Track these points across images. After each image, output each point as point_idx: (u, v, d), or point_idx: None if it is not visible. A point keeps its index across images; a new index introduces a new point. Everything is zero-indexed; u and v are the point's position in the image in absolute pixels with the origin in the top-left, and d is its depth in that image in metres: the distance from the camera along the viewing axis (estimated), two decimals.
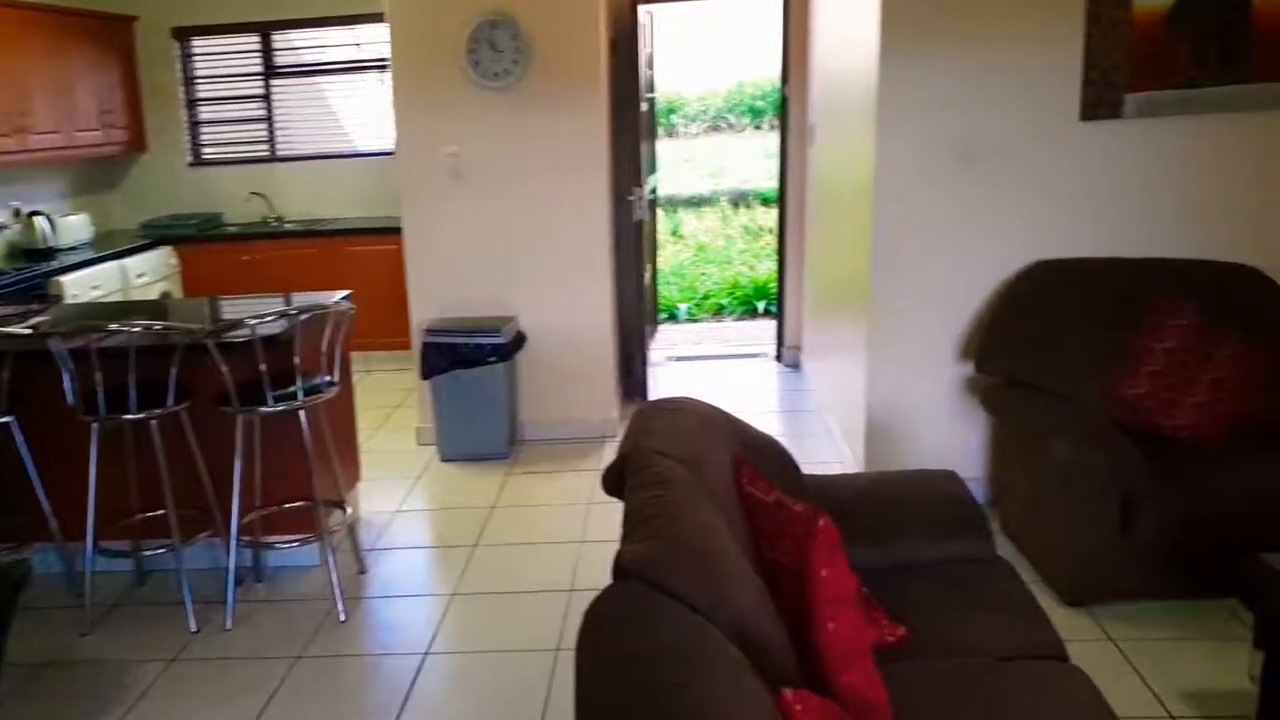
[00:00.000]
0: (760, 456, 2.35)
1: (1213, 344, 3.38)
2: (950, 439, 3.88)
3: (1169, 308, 3.44)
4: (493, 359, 4.58)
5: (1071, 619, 3.08)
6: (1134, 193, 3.69)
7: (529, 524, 4.04)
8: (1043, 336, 3.52)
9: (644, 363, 5.44)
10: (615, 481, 2.14)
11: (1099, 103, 3.63)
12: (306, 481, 3.46)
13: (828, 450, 4.54)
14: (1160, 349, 3.40)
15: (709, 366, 6.20)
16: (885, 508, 2.53)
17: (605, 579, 1.64)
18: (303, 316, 3.34)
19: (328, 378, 3.43)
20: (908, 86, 3.63)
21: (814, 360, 5.49)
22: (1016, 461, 3.55)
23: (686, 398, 2.51)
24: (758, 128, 12.37)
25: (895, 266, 3.76)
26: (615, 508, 2.14)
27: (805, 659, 1.74)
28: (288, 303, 3.87)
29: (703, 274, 8.82)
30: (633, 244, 5.26)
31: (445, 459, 4.73)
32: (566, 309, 4.82)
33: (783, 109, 5.79)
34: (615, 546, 1.71)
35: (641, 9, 5.15)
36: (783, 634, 1.70)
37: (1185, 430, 3.29)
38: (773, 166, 7.23)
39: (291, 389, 3.31)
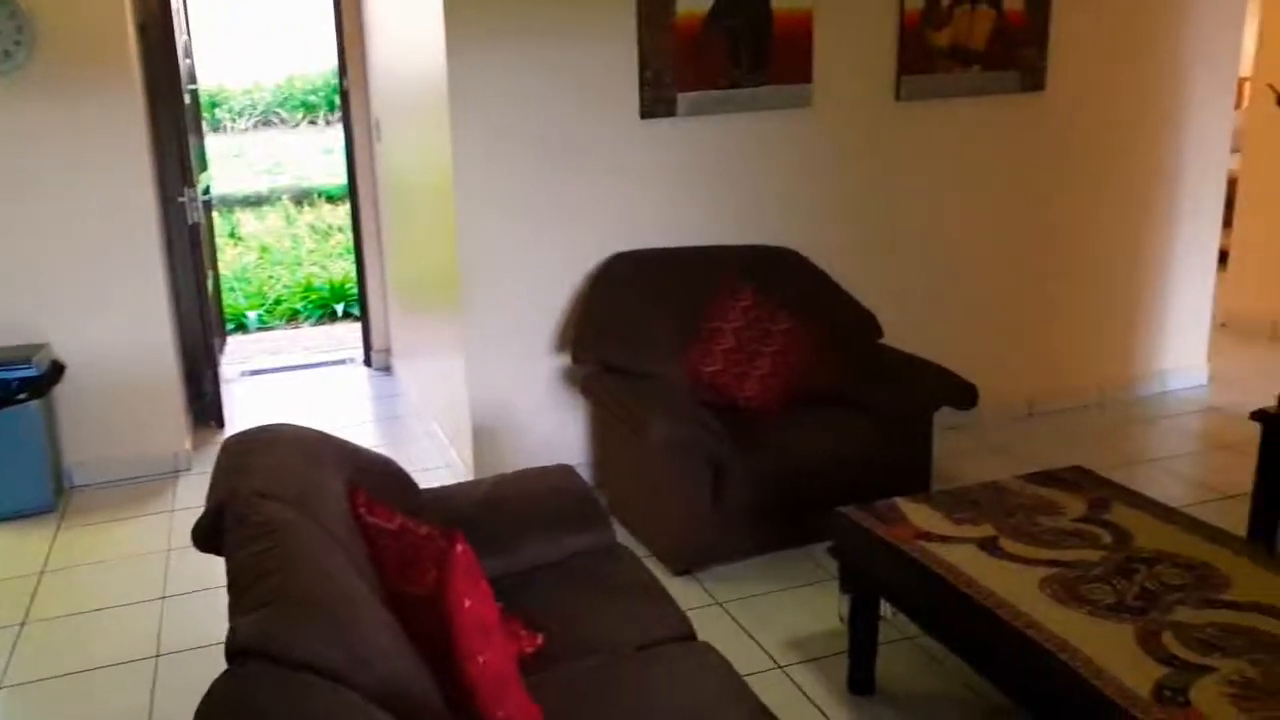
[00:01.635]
0: (375, 479, 2.19)
1: (770, 321, 3.71)
2: (557, 430, 3.93)
3: (732, 290, 3.72)
4: (23, 396, 3.90)
5: (682, 588, 3.23)
6: (694, 186, 3.94)
7: (94, 586, 3.46)
8: (628, 324, 3.67)
9: (215, 381, 4.95)
10: (210, 535, 1.88)
11: (655, 101, 3.83)
12: None
13: (434, 455, 4.41)
14: (729, 328, 3.68)
15: (291, 378, 5.78)
16: (507, 513, 2.48)
17: (199, 637, 1.41)
18: None
19: None
20: (479, 81, 3.59)
21: (407, 362, 5.32)
22: (618, 444, 3.67)
23: (281, 424, 2.28)
24: (312, 122, 11.84)
25: (484, 263, 3.72)
26: (202, 555, 1.88)
27: (452, 695, 1.63)
28: None
29: (271, 277, 8.25)
30: (188, 250, 4.74)
31: None
32: (114, 329, 4.19)
33: (344, 103, 5.53)
34: (206, 596, 1.47)
35: None
36: (427, 678, 1.58)
37: (755, 400, 3.60)
38: (335, 162, 6.92)
39: None
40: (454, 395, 4.08)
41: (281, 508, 1.78)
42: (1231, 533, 2.59)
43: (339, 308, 7.42)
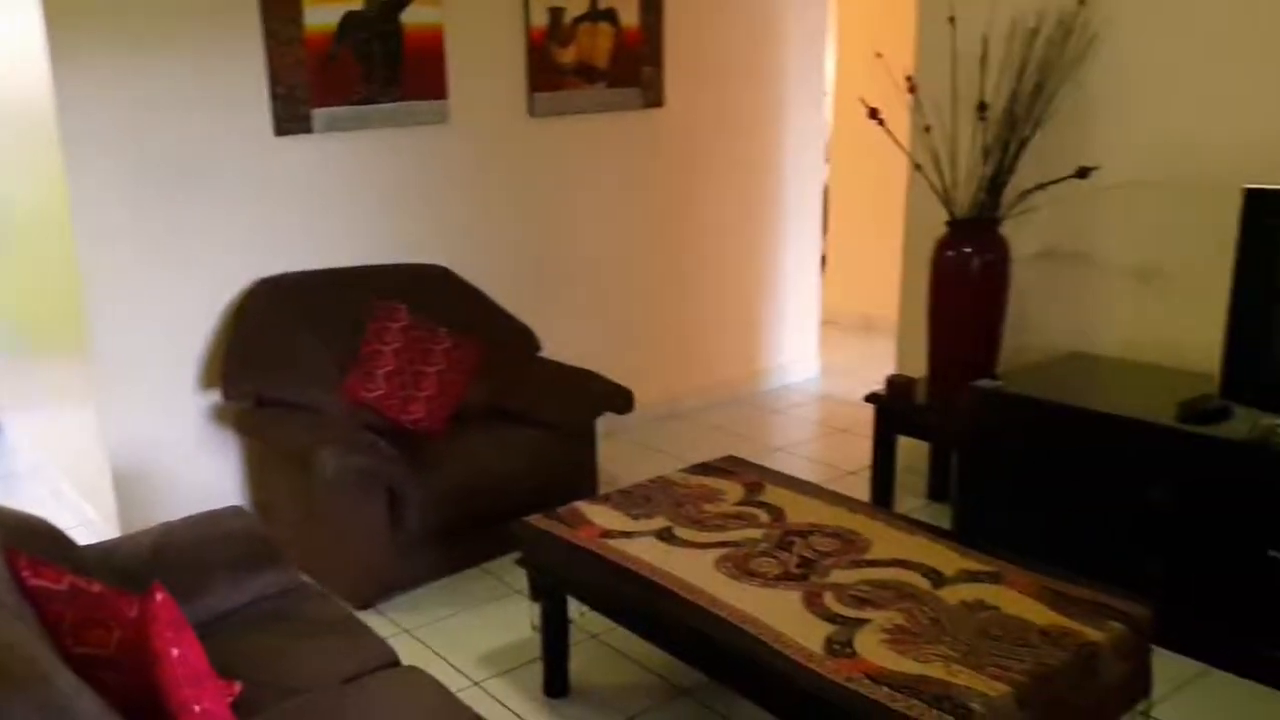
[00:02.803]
0: (29, 540, 1.93)
1: (430, 340, 3.69)
2: (211, 473, 3.66)
3: (387, 311, 3.66)
4: None
5: (366, 622, 3.12)
6: (337, 205, 3.83)
7: None
8: (280, 354, 3.49)
9: None
10: None
11: (289, 118, 3.68)
12: None
13: (64, 514, 3.91)
14: (389, 350, 3.62)
15: None
16: (182, 562, 2.28)
17: None
18: None
19: None
20: (92, 101, 3.26)
21: (20, 414, 4.68)
22: (281, 481, 3.48)
23: None
24: None
25: (113, 297, 3.38)
26: None
27: None
28: None
29: None
30: None
31: None
32: None
33: None
34: None
35: None
36: None
37: (422, 422, 3.57)
38: None
39: None
40: (85, 445, 3.65)
41: None
42: (864, 501, 2.95)
43: None
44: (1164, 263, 3.39)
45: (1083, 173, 3.40)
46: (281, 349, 3.50)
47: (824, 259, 5.98)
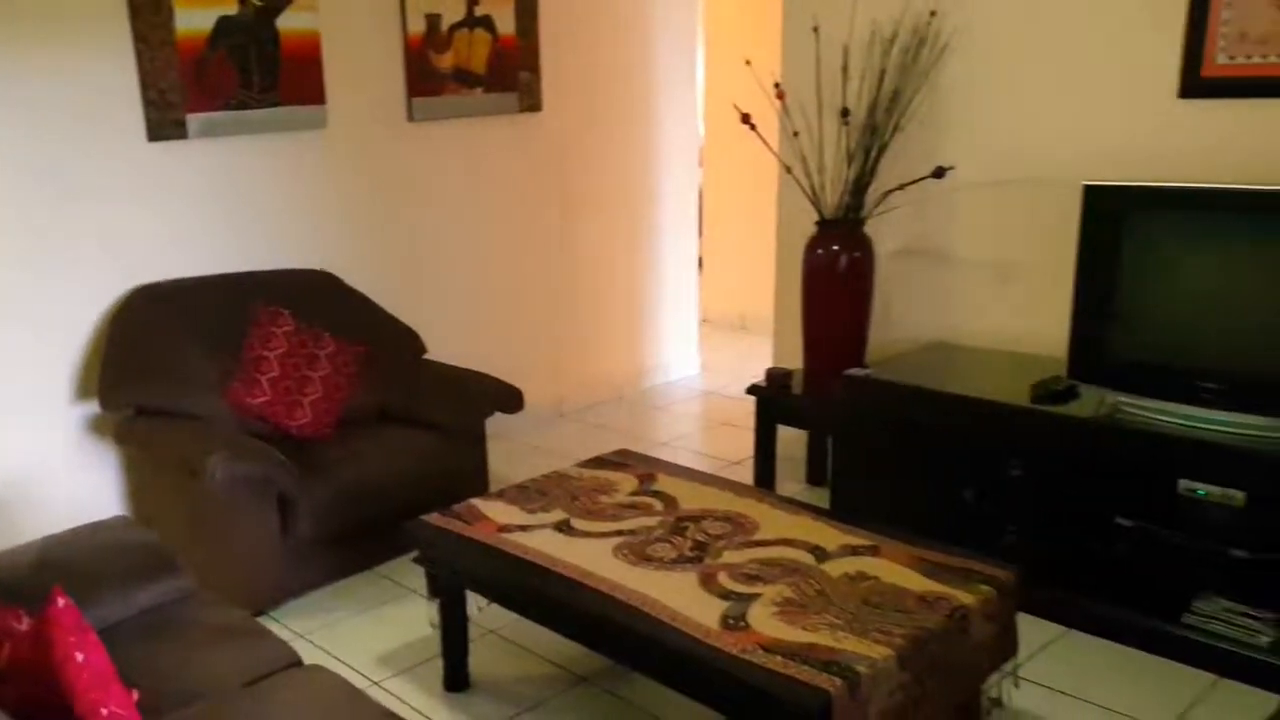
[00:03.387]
0: None
1: (315, 345, 3.68)
2: (88, 487, 3.55)
3: (270, 317, 3.63)
4: None
5: None
6: (216, 211, 3.77)
7: None
8: (160, 362, 3.42)
9: None
10: None
11: (163, 123, 3.61)
12: None
13: None
14: (274, 356, 3.59)
15: None
16: (69, 574, 2.22)
17: None
18: None
19: None
20: None
21: None
22: (165, 491, 3.41)
23: None
24: None
25: None
26: None
27: None
28: None
29: None
30: None
31: None
32: None
33: None
34: None
35: None
36: None
37: (309, 427, 3.55)
38: None
39: None
40: None
41: None
42: (750, 486, 3.08)
43: None
44: (1015, 256, 3.64)
45: (938, 173, 3.63)
46: (162, 357, 3.43)
47: (700, 260, 6.15)
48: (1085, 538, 3.05)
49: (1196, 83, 3.14)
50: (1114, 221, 2.99)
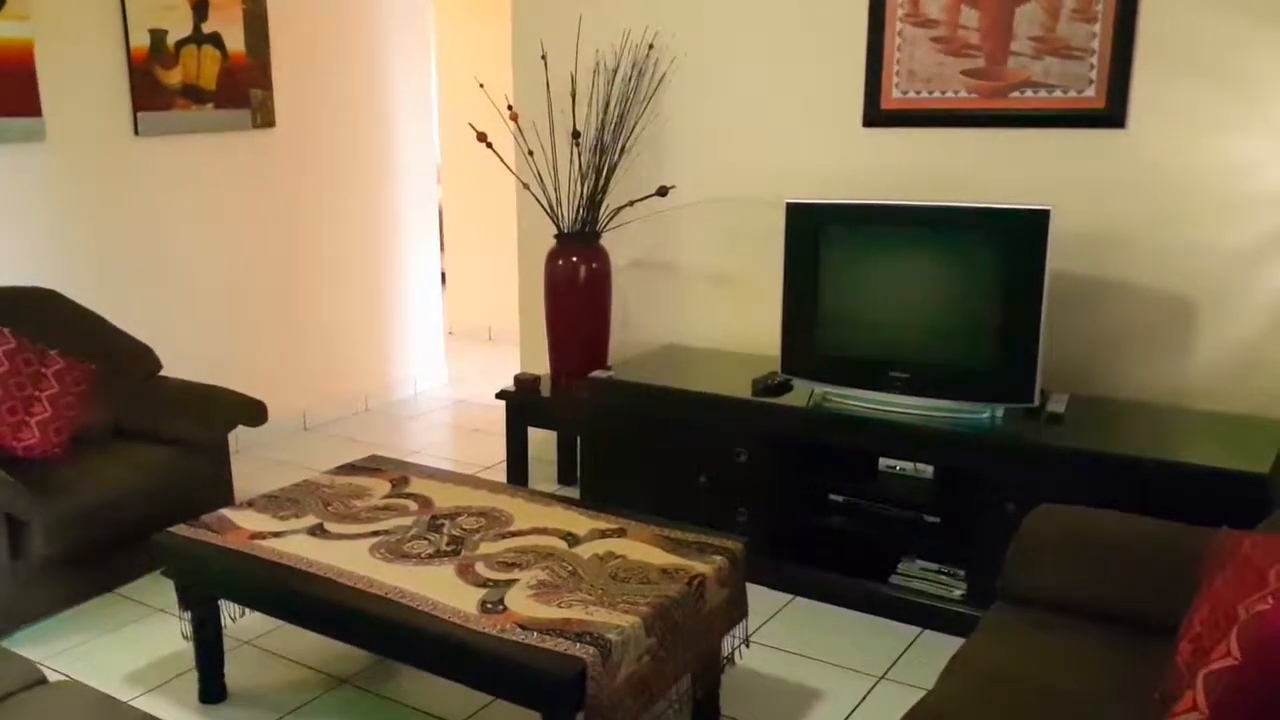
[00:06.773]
0: None
1: (40, 363, 3.50)
2: None
3: None
4: None
5: None
6: None
7: None
8: None
9: None
10: None
11: None
12: None
13: None
14: None
15: None
16: None
17: None
18: None
19: None
20: None
21: None
22: None
23: None
24: None
25: None
26: None
27: None
28: None
29: None
30: None
31: None
32: None
33: None
34: None
35: None
36: None
37: (37, 448, 3.38)
38: None
39: None
40: None
41: None
42: (503, 484, 3.24)
43: None
44: (732, 266, 4.02)
45: (662, 191, 3.95)
46: None
47: (444, 275, 6.25)
48: (804, 513, 3.44)
49: (877, 114, 3.63)
50: (812, 234, 3.39)
